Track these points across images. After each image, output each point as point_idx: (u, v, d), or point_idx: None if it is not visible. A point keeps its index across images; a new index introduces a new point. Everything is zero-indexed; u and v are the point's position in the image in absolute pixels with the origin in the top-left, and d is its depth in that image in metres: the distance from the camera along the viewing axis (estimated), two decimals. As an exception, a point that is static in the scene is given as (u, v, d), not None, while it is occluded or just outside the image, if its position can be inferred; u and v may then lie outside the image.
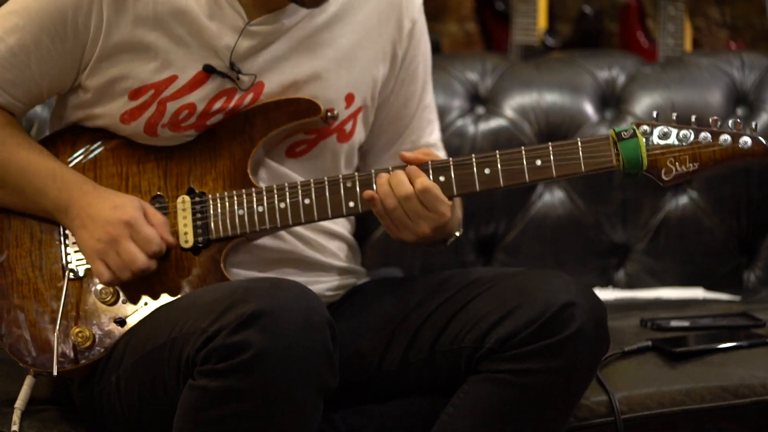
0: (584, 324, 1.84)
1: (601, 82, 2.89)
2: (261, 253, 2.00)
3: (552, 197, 2.84)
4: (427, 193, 1.85)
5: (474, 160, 1.88)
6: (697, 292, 2.78)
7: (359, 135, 2.07)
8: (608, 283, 2.84)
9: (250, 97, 1.96)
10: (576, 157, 1.87)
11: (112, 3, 1.90)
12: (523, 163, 1.87)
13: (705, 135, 1.88)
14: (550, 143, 1.88)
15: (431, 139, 2.17)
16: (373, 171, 1.90)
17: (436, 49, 3.87)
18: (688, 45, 3.67)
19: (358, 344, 2.00)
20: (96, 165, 1.97)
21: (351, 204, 1.91)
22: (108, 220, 1.88)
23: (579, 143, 1.88)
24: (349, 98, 2.03)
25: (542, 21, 3.73)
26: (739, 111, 2.87)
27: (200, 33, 1.93)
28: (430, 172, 1.88)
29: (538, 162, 1.87)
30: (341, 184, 1.90)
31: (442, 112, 2.81)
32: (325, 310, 1.76)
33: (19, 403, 1.94)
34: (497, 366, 1.87)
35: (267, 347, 1.67)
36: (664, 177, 1.88)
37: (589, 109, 2.86)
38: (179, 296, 1.92)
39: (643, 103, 2.86)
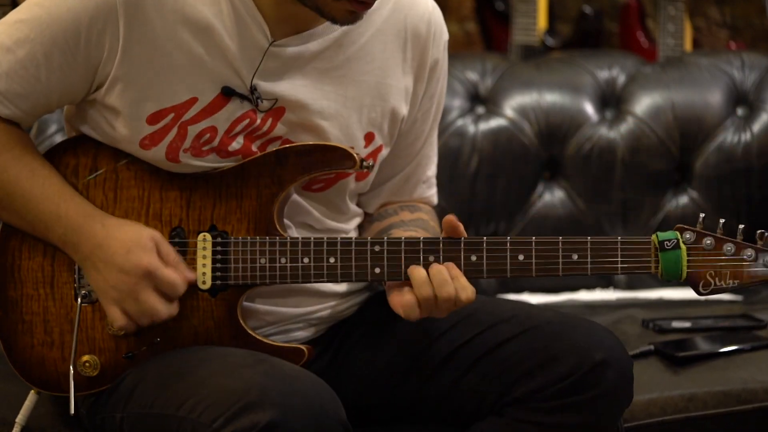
0: (615, 382, 1.82)
1: (601, 82, 2.88)
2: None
3: (552, 197, 2.84)
4: (466, 301, 1.81)
5: (508, 244, 1.83)
6: (698, 293, 2.78)
7: (375, 172, 2.01)
8: (609, 283, 2.84)
9: (270, 121, 1.88)
10: (614, 258, 1.82)
11: (128, 22, 1.79)
12: (558, 257, 1.82)
13: (750, 253, 1.82)
14: (588, 238, 1.83)
15: (425, 176, 2.10)
16: (403, 238, 1.84)
17: (436, 49, 3.87)
18: (688, 45, 3.67)
19: (372, 366, 1.97)
20: (117, 185, 1.88)
21: (377, 270, 1.84)
22: (123, 268, 1.80)
23: (619, 244, 1.82)
24: (369, 137, 1.95)
25: (542, 21, 3.73)
26: (739, 111, 2.87)
27: (221, 53, 1.84)
28: (462, 250, 1.83)
29: (575, 257, 1.82)
30: (368, 249, 1.84)
31: (442, 112, 2.80)
32: (340, 410, 1.72)
33: (20, 418, 1.91)
34: (522, 415, 1.85)
35: None
36: (701, 290, 1.83)
37: (589, 109, 2.85)
38: (192, 350, 1.86)
39: (643, 103, 2.86)
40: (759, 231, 1.83)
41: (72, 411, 1.84)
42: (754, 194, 2.82)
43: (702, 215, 1.84)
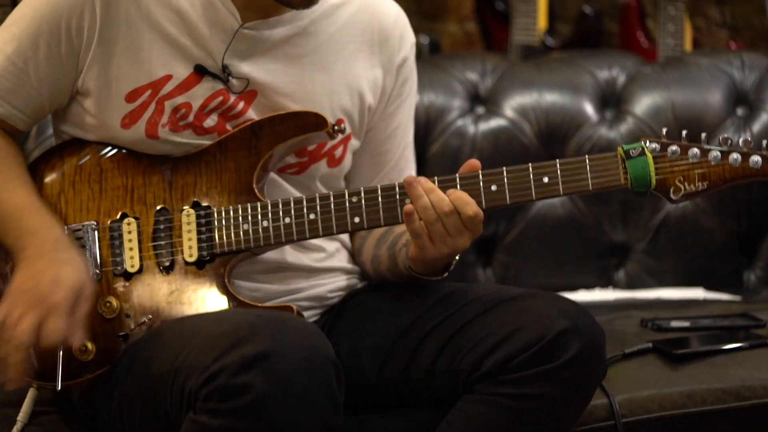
0: (581, 351, 1.83)
1: (601, 82, 2.89)
2: (262, 262, 1.99)
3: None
4: (476, 217, 1.84)
5: (480, 176, 1.88)
6: (698, 292, 2.78)
7: (347, 162, 2.07)
8: (608, 283, 2.84)
9: (242, 104, 1.96)
10: (584, 175, 1.86)
11: (104, 5, 1.90)
12: (530, 181, 1.87)
13: (715, 154, 1.86)
14: (557, 160, 1.88)
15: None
16: (379, 186, 1.89)
17: (436, 49, 3.89)
18: (688, 45, 3.67)
19: (358, 353, 1.99)
20: (102, 177, 1.96)
21: (356, 220, 1.89)
22: (39, 288, 1.78)
23: (587, 161, 1.87)
24: (339, 123, 2.02)
25: (542, 21, 3.73)
26: (739, 111, 2.87)
27: (194, 34, 1.93)
28: (437, 183, 1.87)
29: (545, 179, 1.87)
30: (347, 200, 1.89)
31: (442, 112, 2.81)
32: (330, 349, 1.74)
33: (21, 416, 1.93)
34: (492, 389, 1.86)
35: (269, 391, 1.66)
36: (672, 196, 1.87)
37: (589, 109, 2.86)
38: (183, 317, 1.90)
39: (643, 103, 2.86)
40: (722, 136, 1.87)
41: (58, 387, 1.85)
42: (754, 194, 2.82)
43: (665, 129, 1.89)
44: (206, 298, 1.91)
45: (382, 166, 2.12)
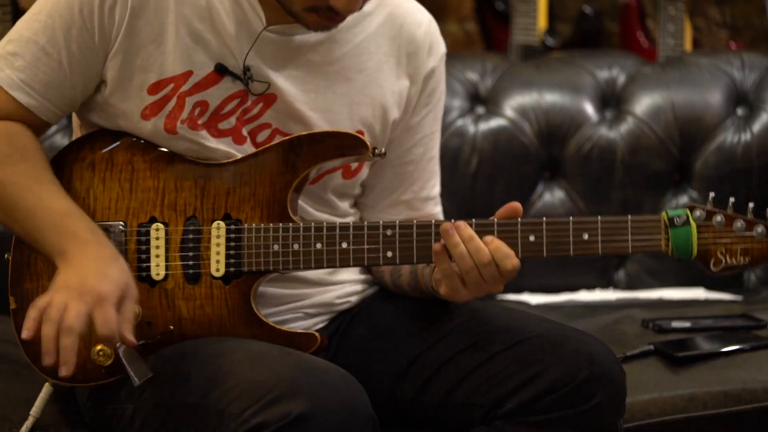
0: (607, 396, 1.81)
1: (601, 82, 2.89)
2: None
3: (552, 197, 2.84)
4: (513, 270, 1.80)
5: (519, 225, 1.82)
6: (698, 292, 2.78)
7: (363, 174, 2.02)
8: (608, 283, 2.84)
9: (259, 107, 1.92)
10: (624, 236, 1.81)
11: None
12: (569, 236, 1.82)
13: (761, 230, 1.81)
14: (599, 217, 1.82)
15: (432, 193, 2.11)
16: (414, 222, 1.85)
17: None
18: (688, 45, 3.67)
19: (371, 366, 1.97)
20: (133, 176, 1.91)
21: (389, 254, 1.85)
22: (85, 282, 1.76)
23: (629, 222, 1.81)
24: (362, 137, 1.94)
25: (542, 21, 3.73)
26: (739, 111, 2.87)
27: (219, 31, 1.89)
28: (474, 227, 1.81)
29: (585, 236, 1.81)
30: (380, 233, 1.85)
31: (443, 112, 2.80)
32: (368, 405, 1.73)
33: (35, 410, 1.91)
34: (512, 429, 1.84)
35: None
36: (713, 268, 1.82)
37: (589, 109, 2.86)
38: (211, 340, 1.86)
39: (643, 103, 2.86)
40: None
41: (137, 382, 1.80)
42: (754, 194, 2.82)
43: (712, 194, 1.83)
44: (230, 315, 1.88)
45: (404, 177, 2.07)
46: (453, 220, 1.83)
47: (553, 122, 2.83)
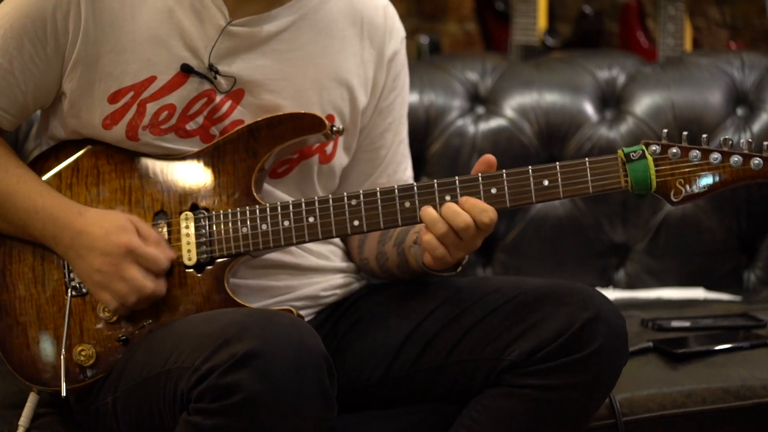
0: (608, 339, 1.84)
1: (601, 82, 2.89)
2: (253, 261, 1.98)
3: (552, 197, 2.84)
4: (491, 223, 1.83)
5: (480, 179, 1.86)
6: (698, 292, 2.78)
7: (340, 158, 2.06)
8: (608, 283, 2.84)
9: (228, 104, 1.94)
10: (584, 178, 1.85)
11: (89, 3, 1.88)
12: (530, 184, 1.85)
13: (716, 156, 1.84)
14: (557, 163, 1.87)
15: (405, 176, 2.15)
16: (378, 189, 1.88)
17: (436, 49, 3.88)
18: (688, 45, 3.67)
19: (365, 348, 1.99)
20: (100, 180, 1.95)
21: (356, 223, 1.88)
22: (105, 250, 1.85)
23: (587, 164, 1.85)
24: (329, 119, 2.00)
25: (542, 21, 3.73)
26: (739, 111, 2.87)
27: (181, 33, 1.91)
28: (436, 187, 1.86)
29: (545, 182, 1.85)
30: (345, 203, 1.89)
31: (442, 112, 2.81)
32: (320, 344, 1.74)
33: (23, 420, 1.93)
34: (520, 380, 1.86)
35: (259, 390, 1.66)
36: (673, 198, 1.85)
37: (589, 109, 2.86)
38: (175, 321, 1.89)
39: (643, 103, 2.86)
40: (722, 138, 1.86)
41: (63, 393, 1.88)
42: (754, 194, 2.82)
43: (665, 131, 1.88)
44: (206, 302, 1.90)
45: (377, 162, 2.11)
46: (414, 184, 1.88)
47: (553, 122, 2.84)
